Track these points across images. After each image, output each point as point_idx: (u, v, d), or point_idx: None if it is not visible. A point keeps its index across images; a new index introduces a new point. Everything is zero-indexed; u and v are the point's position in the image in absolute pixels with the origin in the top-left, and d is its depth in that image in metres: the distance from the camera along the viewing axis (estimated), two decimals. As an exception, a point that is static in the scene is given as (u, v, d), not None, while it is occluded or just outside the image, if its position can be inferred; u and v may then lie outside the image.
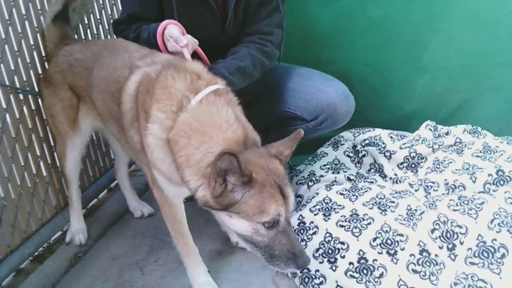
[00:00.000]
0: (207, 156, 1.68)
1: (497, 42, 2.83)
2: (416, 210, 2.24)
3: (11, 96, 2.36)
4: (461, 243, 2.09)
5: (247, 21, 2.41)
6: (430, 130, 2.80)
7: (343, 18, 2.96)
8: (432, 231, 2.14)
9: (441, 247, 2.10)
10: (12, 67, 2.36)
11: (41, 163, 2.57)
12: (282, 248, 1.70)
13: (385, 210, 2.27)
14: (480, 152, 2.55)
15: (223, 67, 2.19)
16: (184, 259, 2.23)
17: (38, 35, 2.51)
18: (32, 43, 2.47)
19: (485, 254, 2.03)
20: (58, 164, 2.65)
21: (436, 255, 2.07)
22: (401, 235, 2.13)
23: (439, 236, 2.12)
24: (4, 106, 2.32)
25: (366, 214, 2.26)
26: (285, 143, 1.78)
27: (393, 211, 2.26)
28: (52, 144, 2.64)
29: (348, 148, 2.84)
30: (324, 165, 2.74)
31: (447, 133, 2.81)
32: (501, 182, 2.32)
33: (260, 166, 1.67)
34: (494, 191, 2.30)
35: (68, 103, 2.43)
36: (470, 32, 2.84)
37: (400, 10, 2.90)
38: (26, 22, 2.42)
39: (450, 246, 2.10)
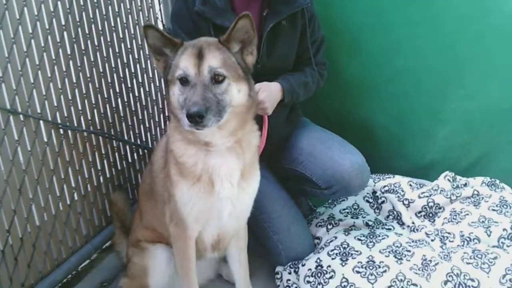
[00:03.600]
0: None
1: (518, 98, 2.92)
2: (431, 260, 2.31)
3: (52, 131, 2.53)
4: (473, 297, 2.15)
5: (302, 56, 2.73)
6: (449, 180, 2.88)
7: (368, 68, 3.08)
8: (445, 282, 2.20)
9: (453, 299, 2.16)
10: (55, 103, 2.53)
11: (75, 194, 2.71)
12: (186, 101, 1.84)
13: (401, 259, 2.34)
14: (497, 206, 2.61)
15: (292, 77, 2.61)
16: None
17: (80, 74, 2.69)
18: (74, 81, 2.64)
19: (495, 309, 2.08)
20: (90, 194, 2.81)
21: (448, 307, 2.14)
22: (415, 285, 2.20)
23: (452, 288, 2.19)
24: (45, 139, 2.49)
25: (382, 262, 2.33)
26: None
27: (409, 260, 2.33)
28: (87, 176, 2.79)
29: (367, 193, 2.94)
30: (344, 209, 2.84)
31: (465, 185, 2.88)
32: (516, 238, 2.39)
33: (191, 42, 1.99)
34: (508, 246, 2.36)
35: None
36: (492, 88, 2.92)
37: (424, 63, 3.00)
38: (71, 62, 2.61)
39: (462, 298, 2.16)
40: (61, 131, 2.58)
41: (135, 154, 3.21)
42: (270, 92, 2.46)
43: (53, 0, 2.46)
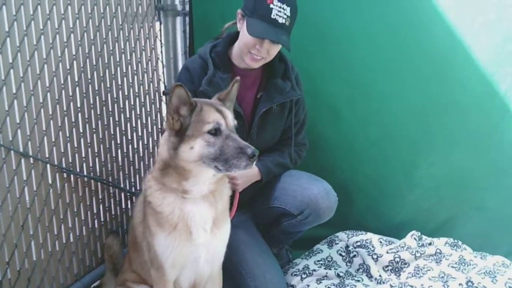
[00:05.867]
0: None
1: (482, 168, 3.21)
2: (390, 306, 2.54)
3: (57, 174, 2.77)
4: None
5: (284, 135, 3.03)
6: (415, 239, 3.12)
7: (346, 134, 3.40)
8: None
9: None
10: (62, 150, 2.79)
11: (71, 234, 2.92)
12: (231, 149, 2.07)
13: (365, 305, 2.57)
14: (456, 263, 2.86)
15: (270, 160, 2.92)
16: None
17: (87, 125, 2.98)
18: (81, 130, 2.92)
19: None
20: (84, 236, 3.03)
21: None
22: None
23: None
24: (50, 182, 2.73)
25: (348, 307, 2.55)
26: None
27: (372, 306, 2.55)
28: (83, 218, 3.02)
29: (341, 247, 3.18)
30: (318, 261, 3.07)
31: (430, 244, 3.12)
32: (469, 292, 2.62)
33: (201, 101, 2.22)
34: (461, 298, 2.59)
35: None
36: (457, 157, 3.22)
37: (397, 132, 3.31)
38: (79, 114, 2.90)
39: None
40: (65, 175, 2.83)
41: (129, 202, 3.46)
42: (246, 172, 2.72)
43: (69, 61, 2.79)
